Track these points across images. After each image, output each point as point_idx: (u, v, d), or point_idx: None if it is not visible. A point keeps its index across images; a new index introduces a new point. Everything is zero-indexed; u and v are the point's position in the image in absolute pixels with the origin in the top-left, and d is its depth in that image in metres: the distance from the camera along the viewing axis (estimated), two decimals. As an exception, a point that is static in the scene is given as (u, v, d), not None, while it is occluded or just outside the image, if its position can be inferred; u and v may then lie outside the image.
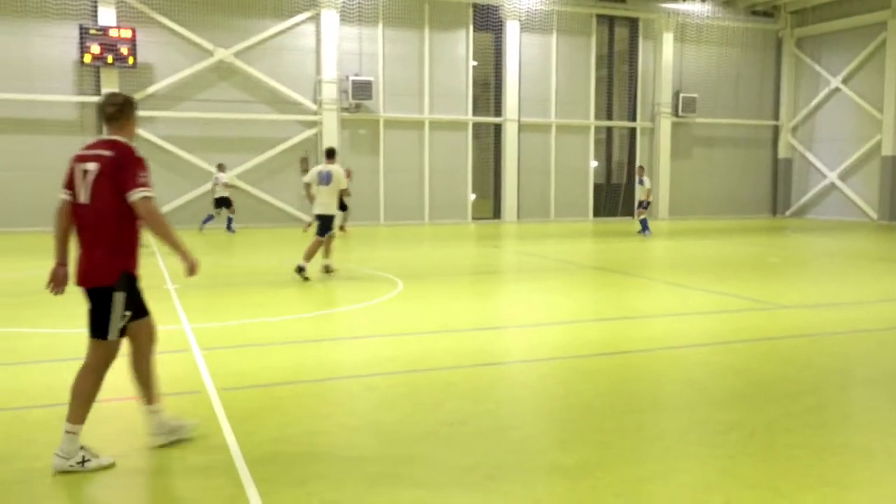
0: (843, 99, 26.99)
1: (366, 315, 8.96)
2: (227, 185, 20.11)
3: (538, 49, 25.37)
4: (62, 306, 6.94)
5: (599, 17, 26.13)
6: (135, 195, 4.18)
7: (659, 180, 26.99)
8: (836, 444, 4.73)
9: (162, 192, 21.03)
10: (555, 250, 16.46)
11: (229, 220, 20.26)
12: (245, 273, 12.95)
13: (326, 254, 11.91)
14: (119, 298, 4.26)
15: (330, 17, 22.39)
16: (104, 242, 4.26)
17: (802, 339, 7.84)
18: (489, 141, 25.74)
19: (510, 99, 24.89)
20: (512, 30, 24.67)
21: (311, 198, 11.89)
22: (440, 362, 6.66)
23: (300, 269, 11.28)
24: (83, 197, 4.27)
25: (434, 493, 4.01)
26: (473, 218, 25.19)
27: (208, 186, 20.83)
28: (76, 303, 4.79)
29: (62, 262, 4.52)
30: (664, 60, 26.79)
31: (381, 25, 23.22)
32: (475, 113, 25.08)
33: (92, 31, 19.77)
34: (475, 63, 24.85)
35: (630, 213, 27.09)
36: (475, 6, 24.33)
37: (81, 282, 4.29)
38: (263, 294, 10.38)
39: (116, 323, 4.27)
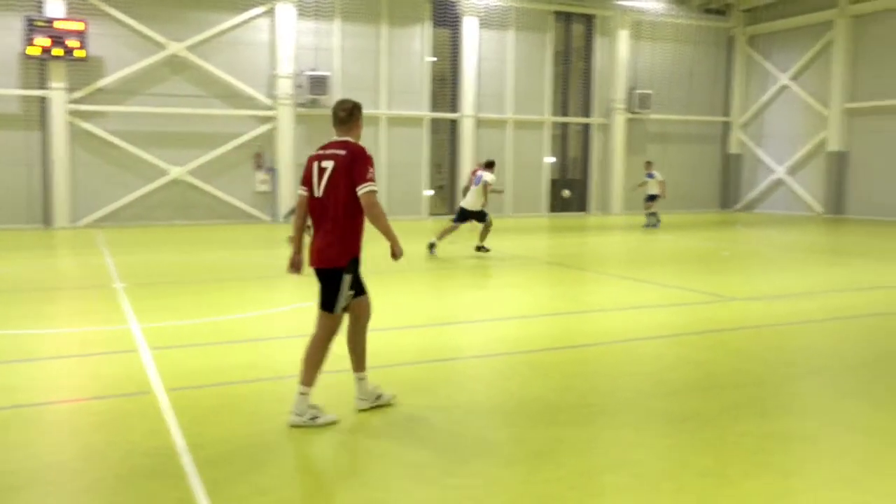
0: (791, 96, 27.61)
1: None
2: None
3: (496, 45, 25.46)
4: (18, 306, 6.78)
5: (557, 13, 26.31)
6: (363, 189, 4.81)
7: (613, 176, 27.31)
8: (781, 431, 4.86)
9: (112, 189, 20.68)
10: (510, 246, 16.55)
11: None
12: (197, 271, 12.77)
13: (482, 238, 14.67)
14: (347, 280, 4.90)
15: (286, 10, 22.16)
16: (337, 230, 4.89)
17: (752, 330, 8.02)
18: (445, 136, 25.76)
19: (468, 95, 24.93)
20: (470, 26, 24.71)
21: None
22: (397, 358, 6.67)
23: (431, 246, 14.27)
24: (319, 191, 4.91)
25: (386, 491, 4.02)
26: (430, 214, 25.19)
27: (162, 182, 20.46)
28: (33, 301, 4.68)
29: (298, 250, 5.21)
30: (619, 57, 27.10)
31: (338, 20, 23.05)
32: (433, 108, 25.07)
33: (38, 23, 19.26)
34: (433, 58, 24.85)
35: (584, 209, 27.40)
36: (434, 1, 24.30)
37: (316, 262, 4.94)
38: (216, 293, 10.26)
39: (343, 300, 4.92)
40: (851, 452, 4.56)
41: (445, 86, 25.45)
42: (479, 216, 14.48)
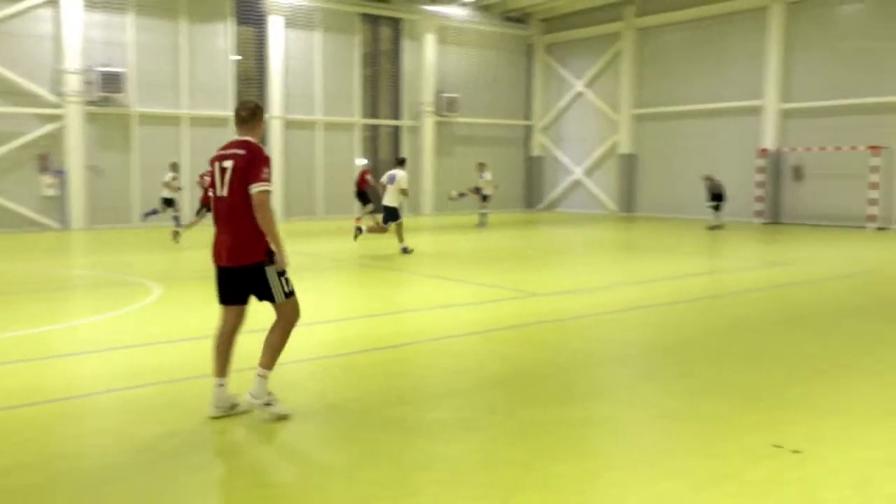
0: (586, 102, 29.47)
1: (121, 323, 8.31)
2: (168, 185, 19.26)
3: (303, 45, 25.08)
4: None
5: (363, 15, 26.35)
6: (255, 188, 4.86)
7: (423, 177, 27.81)
8: (583, 417, 5.13)
9: None
10: (324, 248, 16.36)
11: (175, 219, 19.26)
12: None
13: (400, 238, 14.99)
14: (272, 270, 5.00)
15: (71, 1, 20.51)
16: (247, 228, 4.93)
17: (556, 323, 8.43)
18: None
19: (275, 95, 24.37)
20: (275, 25, 24.15)
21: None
22: (199, 370, 6.33)
23: (359, 232, 14.92)
24: (223, 191, 4.97)
25: (196, 506, 3.80)
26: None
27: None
28: None
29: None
30: (427, 61, 27.63)
31: (131, 13, 21.66)
32: (238, 109, 24.26)
33: None
34: (238, 57, 24.04)
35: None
36: (235, -2, 23.51)
37: (228, 262, 4.99)
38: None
39: (279, 286, 5.03)
40: (647, 433, 4.89)
41: (252, 85, 24.71)
42: (394, 214, 14.89)
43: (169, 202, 19.50)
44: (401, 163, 15.52)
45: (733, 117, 24.65)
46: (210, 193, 5.14)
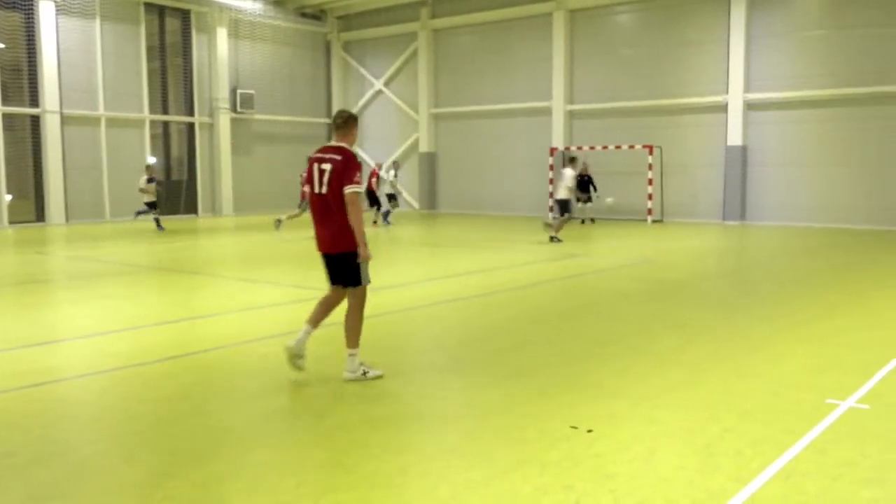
0: (386, 100, 29.75)
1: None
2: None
3: (80, 35, 23.21)
4: None
5: (147, 5, 24.86)
6: (348, 189, 5.69)
7: (221, 176, 26.78)
8: (394, 413, 5.16)
9: None
10: (113, 252, 15.28)
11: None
12: None
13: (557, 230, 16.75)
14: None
15: None
16: (342, 221, 5.76)
17: (371, 319, 8.39)
18: (25, 134, 22.83)
19: (49, 88, 22.37)
20: (46, 11, 22.16)
21: None
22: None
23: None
24: (322, 189, 5.78)
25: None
26: (11, 222, 22.16)
27: None
28: None
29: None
30: (219, 55, 26.58)
31: None
32: (6, 102, 22.03)
33: None
34: (2, 45, 21.80)
35: (194, 211, 26.53)
36: (-5, -19, 21.32)
37: (330, 249, 5.92)
38: None
39: (365, 274, 5.87)
40: (454, 423, 5.01)
41: (21, 77, 22.54)
42: (566, 206, 16.68)
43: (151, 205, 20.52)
44: (571, 161, 17.04)
45: (525, 118, 25.95)
46: (305, 189, 6.04)
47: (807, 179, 21.13)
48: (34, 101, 22.49)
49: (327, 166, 5.78)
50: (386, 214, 22.20)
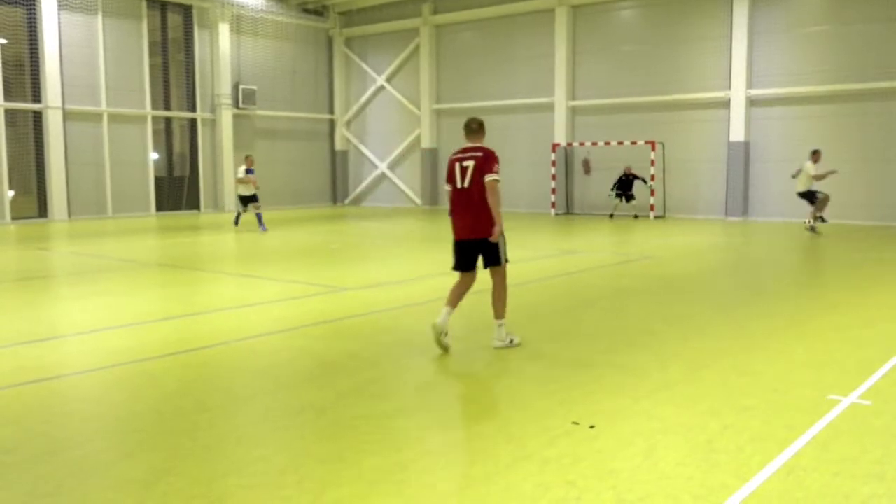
0: (388, 96, 29.72)
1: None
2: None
3: (82, 30, 23.22)
4: None
5: (149, 1, 24.87)
6: (489, 177, 6.56)
7: (224, 172, 26.78)
8: (396, 409, 5.17)
9: None
10: (115, 248, 15.30)
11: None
12: None
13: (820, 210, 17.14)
14: (503, 239, 6.73)
15: None
16: (485, 210, 6.56)
17: (364, 317, 8.42)
18: (27, 130, 22.84)
19: (51, 84, 22.39)
20: (48, 6, 22.17)
21: None
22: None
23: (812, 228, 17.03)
24: (465, 184, 6.64)
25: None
26: (13, 218, 22.19)
27: None
28: None
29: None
30: (221, 51, 26.57)
31: None
32: (8, 98, 22.04)
33: None
34: (3, 41, 21.81)
35: (196, 206, 26.55)
36: (-2, -23, 21.33)
37: (473, 235, 6.66)
38: None
39: (505, 253, 6.76)
40: (454, 420, 5.02)
41: (23, 73, 22.56)
42: (811, 196, 16.89)
43: (248, 199, 19.02)
44: (814, 153, 16.74)
45: (527, 113, 25.92)
46: (447, 188, 6.81)
47: (809, 175, 21.07)
48: (36, 96, 22.50)
49: (469, 163, 6.65)
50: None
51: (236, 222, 19.89)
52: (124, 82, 24.31)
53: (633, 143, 23.06)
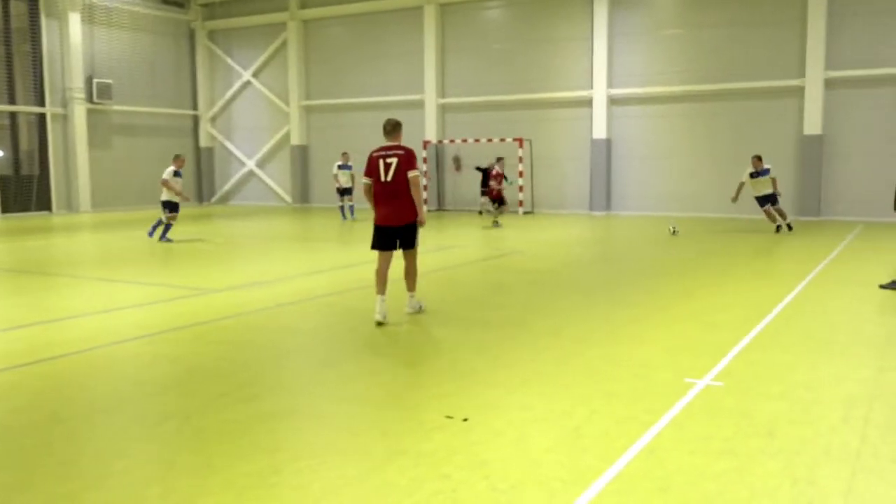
0: (255, 91, 28.97)
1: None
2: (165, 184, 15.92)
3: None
4: None
5: (-10, -13, 23.13)
6: (412, 173, 7.62)
7: (77, 170, 25.30)
8: (266, 411, 5.04)
9: None
10: (-45, 254, 14.12)
11: None
12: None
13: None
14: (419, 227, 7.88)
15: None
16: (406, 201, 7.68)
17: (234, 318, 8.17)
18: None
19: None
20: None
21: None
22: None
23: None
24: (388, 178, 7.64)
25: None
26: None
27: None
28: None
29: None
30: (72, 43, 25.05)
31: None
32: None
33: None
34: None
35: (47, 207, 24.96)
36: None
37: (397, 222, 7.72)
38: None
39: (418, 239, 7.95)
40: (330, 419, 4.94)
41: None
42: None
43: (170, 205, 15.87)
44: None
45: (399, 110, 25.88)
46: (366, 180, 7.70)
47: (664, 170, 22.27)
48: None
49: (393, 160, 7.57)
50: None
51: (164, 234, 16.10)
52: (-38, 74, 22.50)
53: (502, 140, 23.57)
